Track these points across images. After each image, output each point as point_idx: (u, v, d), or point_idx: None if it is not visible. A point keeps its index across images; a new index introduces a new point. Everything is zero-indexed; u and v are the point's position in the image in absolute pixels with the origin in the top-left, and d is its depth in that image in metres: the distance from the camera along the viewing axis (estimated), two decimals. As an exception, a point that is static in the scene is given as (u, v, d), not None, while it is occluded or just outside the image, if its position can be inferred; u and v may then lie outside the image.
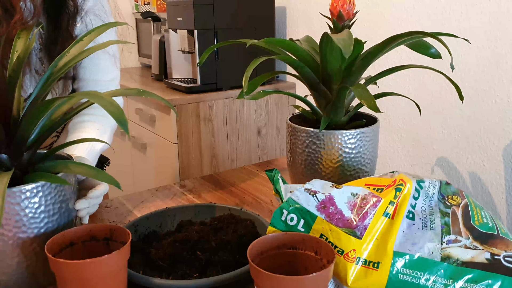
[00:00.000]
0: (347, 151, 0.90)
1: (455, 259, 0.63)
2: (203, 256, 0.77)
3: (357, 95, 0.79)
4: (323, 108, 0.94)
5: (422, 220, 0.67)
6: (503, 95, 1.28)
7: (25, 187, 0.66)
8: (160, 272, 0.75)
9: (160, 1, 2.40)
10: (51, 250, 0.66)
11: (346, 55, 0.72)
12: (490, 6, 1.27)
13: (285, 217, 0.69)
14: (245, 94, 0.86)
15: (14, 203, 0.66)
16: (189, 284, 0.69)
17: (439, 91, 1.44)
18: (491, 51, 1.29)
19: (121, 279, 0.68)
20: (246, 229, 0.85)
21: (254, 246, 0.63)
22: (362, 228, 0.66)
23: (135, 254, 0.72)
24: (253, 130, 2.01)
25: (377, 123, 0.95)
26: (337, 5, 0.86)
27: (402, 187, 0.69)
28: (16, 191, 0.66)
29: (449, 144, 1.44)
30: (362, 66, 0.88)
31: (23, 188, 0.66)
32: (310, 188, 0.71)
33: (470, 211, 0.69)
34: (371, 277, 0.63)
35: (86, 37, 0.77)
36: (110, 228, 0.71)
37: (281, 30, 2.10)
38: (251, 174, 1.24)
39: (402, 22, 1.52)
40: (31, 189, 0.67)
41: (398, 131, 1.60)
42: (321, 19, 1.77)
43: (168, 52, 2.04)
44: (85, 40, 0.76)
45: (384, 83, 1.58)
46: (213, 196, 1.10)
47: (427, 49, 0.90)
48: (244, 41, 0.88)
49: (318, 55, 0.89)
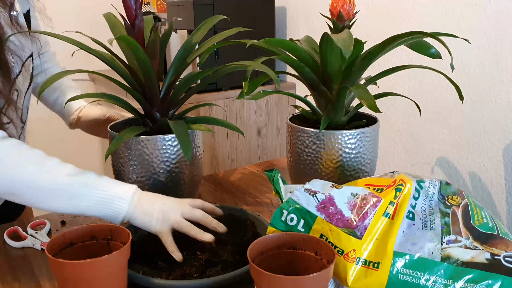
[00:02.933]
0: (347, 151, 0.90)
1: (455, 259, 0.62)
2: (203, 256, 0.77)
3: (357, 95, 0.79)
4: (323, 108, 0.94)
5: (422, 220, 0.67)
6: (503, 95, 1.28)
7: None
8: (160, 272, 0.75)
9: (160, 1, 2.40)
10: (51, 250, 0.66)
11: (346, 55, 0.72)
12: (490, 6, 1.27)
13: (285, 217, 0.69)
14: (245, 94, 0.86)
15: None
16: (189, 284, 0.69)
17: (439, 91, 1.44)
18: (491, 51, 1.29)
19: (121, 279, 0.68)
20: (246, 229, 0.85)
21: (254, 246, 0.63)
22: (362, 228, 0.66)
23: (135, 254, 0.72)
24: (253, 130, 2.01)
25: (377, 123, 0.95)
26: (337, 5, 0.86)
27: (402, 187, 0.69)
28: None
29: (449, 144, 1.44)
30: (362, 66, 0.88)
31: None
32: (310, 188, 0.71)
33: (470, 211, 0.69)
34: (371, 277, 0.63)
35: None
36: (110, 228, 0.71)
37: (281, 30, 2.10)
38: (251, 174, 1.24)
39: (402, 22, 1.52)
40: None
41: (398, 131, 1.60)
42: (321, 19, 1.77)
43: (168, 52, 2.04)
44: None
45: (384, 83, 1.58)
46: (213, 196, 1.10)
47: (427, 49, 0.90)
48: (244, 41, 0.88)
49: (318, 55, 0.89)
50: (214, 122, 0.98)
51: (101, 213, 0.76)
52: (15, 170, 0.74)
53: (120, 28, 0.96)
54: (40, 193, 0.74)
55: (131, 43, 0.81)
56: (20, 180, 0.74)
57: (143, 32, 0.90)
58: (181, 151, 0.91)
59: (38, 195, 0.75)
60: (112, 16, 0.98)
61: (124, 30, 0.91)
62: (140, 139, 0.89)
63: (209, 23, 0.99)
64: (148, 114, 0.95)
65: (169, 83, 0.94)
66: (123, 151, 0.91)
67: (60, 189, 0.75)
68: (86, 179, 0.77)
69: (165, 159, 0.90)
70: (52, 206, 0.76)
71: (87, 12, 2.42)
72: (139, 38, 0.89)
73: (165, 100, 0.94)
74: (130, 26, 0.88)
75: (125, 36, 0.82)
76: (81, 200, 0.75)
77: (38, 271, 0.80)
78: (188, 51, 0.97)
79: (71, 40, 0.84)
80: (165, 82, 0.94)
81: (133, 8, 0.87)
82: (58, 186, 0.75)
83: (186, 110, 1.01)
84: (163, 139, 0.89)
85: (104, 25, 0.97)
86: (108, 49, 0.91)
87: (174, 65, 0.97)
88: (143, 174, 0.91)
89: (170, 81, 0.94)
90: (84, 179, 0.76)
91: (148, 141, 0.89)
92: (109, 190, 0.77)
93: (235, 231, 0.84)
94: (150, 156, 0.89)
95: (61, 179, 0.75)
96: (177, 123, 0.87)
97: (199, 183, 1.01)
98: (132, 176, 0.92)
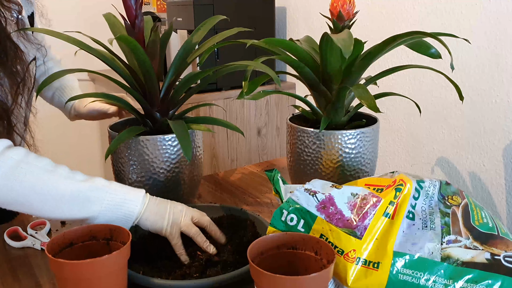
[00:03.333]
0: (347, 151, 0.90)
1: (455, 259, 0.62)
2: (203, 256, 0.77)
3: (357, 95, 0.79)
4: (323, 108, 0.94)
5: (422, 220, 0.67)
6: (503, 95, 1.28)
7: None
8: (160, 272, 0.75)
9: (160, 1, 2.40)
10: (51, 250, 0.66)
11: (346, 55, 0.72)
12: (490, 6, 1.27)
13: (285, 217, 0.69)
14: (245, 94, 0.86)
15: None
16: (189, 284, 0.69)
17: (439, 91, 1.44)
18: (491, 51, 1.29)
19: (121, 279, 0.68)
20: (246, 229, 0.85)
21: (254, 246, 0.63)
22: (362, 228, 0.66)
23: (135, 254, 0.72)
24: (253, 130, 2.01)
25: (377, 123, 0.95)
26: (337, 5, 0.86)
27: (402, 187, 0.69)
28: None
29: (449, 144, 1.44)
30: (362, 66, 0.88)
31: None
32: (310, 188, 0.71)
33: (470, 211, 0.69)
34: (371, 277, 0.63)
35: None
36: (110, 228, 0.71)
37: (281, 30, 2.10)
38: (251, 174, 1.24)
39: (402, 22, 1.52)
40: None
41: (398, 131, 1.60)
42: (321, 19, 1.77)
43: (168, 52, 2.04)
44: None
45: (384, 83, 1.58)
46: (213, 196, 1.10)
47: (427, 49, 0.90)
48: (244, 41, 0.88)
49: (318, 55, 0.89)
50: (214, 122, 0.98)
51: (113, 216, 0.76)
52: (25, 178, 0.73)
53: (120, 28, 0.96)
54: (52, 200, 0.74)
55: (131, 43, 0.81)
56: (31, 188, 0.73)
57: (143, 32, 0.90)
58: (181, 151, 0.91)
59: (49, 202, 0.74)
60: (112, 16, 0.99)
61: (124, 30, 0.92)
62: (140, 139, 0.89)
63: (209, 23, 0.99)
64: (148, 114, 0.95)
65: (169, 83, 0.94)
66: (123, 151, 0.91)
67: (72, 195, 0.75)
68: (97, 183, 0.77)
69: (165, 159, 0.90)
70: (64, 213, 0.75)
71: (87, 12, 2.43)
72: (139, 38, 0.89)
73: (165, 100, 0.94)
74: (130, 26, 0.88)
75: (125, 36, 0.82)
76: (93, 203, 0.75)
77: (38, 271, 0.80)
78: (188, 51, 0.97)
79: (72, 40, 0.84)
80: (165, 82, 0.94)
81: (133, 8, 0.87)
82: (70, 192, 0.75)
83: (186, 110, 1.01)
84: (163, 139, 0.89)
85: (104, 25, 0.97)
86: (108, 49, 0.91)
87: (174, 65, 0.97)
88: (143, 174, 0.91)
89: (170, 81, 0.94)
90: (95, 183, 0.76)
91: (148, 141, 0.89)
92: (120, 193, 0.77)
93: (235, 231, 0.84)
94: (150, 156, 0.89)
95: (73, 185, 0.75)
96: (177, 123, 0.87)
97: (199, 183, 1.01)
98: (132, 176, 0.92)
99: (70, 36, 0.84)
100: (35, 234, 0.90)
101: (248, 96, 0.87)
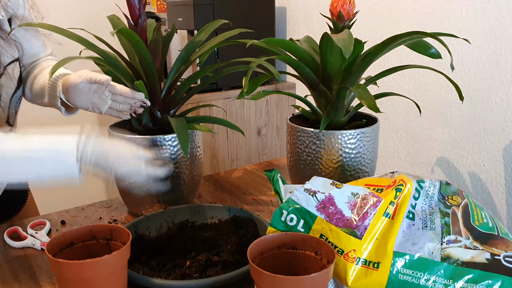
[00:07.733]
0: (347, 151, 0.90)
1: (455, 259, 0.62)
2: (203, 256, 0.77)
3: (357, 95, 0.79)
4: (323, 108, 0.94)
5: (422, 220, 0.67)
6: (503, 95, 1.28)
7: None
8: (160, 272, 0.75)
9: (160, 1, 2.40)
10: (51, 250, 0.66)
11: (346, 55, 0.72)
12: (490, 6, 1.27)
13: (285, 217, 0.69)
14: (245, 94, 0.86)
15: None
16: (189, 284, 0.69)
17: (439, 91, 1.44)
18: (491, 51, 1.29)
19: (121, 279, 0.68)
20: (246, 229, 0.85)
21: (254, 246, 0.63)
22: (362, 228, 0.66)
23: (135, 254, 0.72)
24: (253, 130, 2.01)
25: (377, 123, 0.95)
26: (337, 5, 0.86)
27: (402, 187, 0.69)
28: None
29: (449, 144, 1.44)
30: (362, 66, 0.88)
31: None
32: (309, 188, 0.71)
33: (470, 211, 0.69)
34: (371, 277, 0.63)
35: None
36: (110, 228, 0.71)
37: (281, 30, 2.10)
38: (251, 174, 1.24)
39: (402, 22, 1.52)
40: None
41: (398, 131, 1.60)
42: (321, 19, 1.77)
43: (168, 52, 2.03)
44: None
45: (384, 83, 1.58)
46: (213, 196, 1.10)
47: (427, 49, 0.90)
48: (244, 41, 0.88)
49: (318, 55, 0.89)
50: (215, 121, 0.98)
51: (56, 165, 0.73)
52: None
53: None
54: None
55: (133, 37, 0.81)
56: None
57: (146, 31, 0.90)
58: (181, 151, 0.91)
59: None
60: (116, 18, 0.99)
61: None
62: (140, 139, 0.89)
63: (211, 27, 0.99)
64: (149, 113, 0.95)
65: (171, 82, 0.94)
66: (123, 151, 0.90)
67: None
68: (30, 132, 0.74)
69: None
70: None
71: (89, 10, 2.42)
72: (142, 36, 0.89)
73: (167, 99, 0.95)
74: (133, 25, 0.88)
75: (127, 29, 0.82)
76: (34, 143, 0.73)
77: (38, 271, 0.80)
78: (190, 52, 0.97)
79: (76, 37, 0.84)
80: (167, 81, 0.95)
81: (137, 8, 0.87)
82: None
83: (186, 111, 1.01)
84: (163, 139, 0.90)
85: (106, 24, 0.97)
86: (111, 47, 0.91)
87: (176, 65, 0.97)
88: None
89: (171, 80, 0.94)
90: (28, 132, 0.74)
91: (148, 141, 0.89)
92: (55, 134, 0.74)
93: (235, 231, 0.85)
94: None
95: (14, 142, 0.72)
96: (177, 119, 0.88)
97: (199, 183, 1.01)
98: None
99: (74, 33, 0.84)
100: (35, 234, 0.90)
101: (248, 96, 0.87)
